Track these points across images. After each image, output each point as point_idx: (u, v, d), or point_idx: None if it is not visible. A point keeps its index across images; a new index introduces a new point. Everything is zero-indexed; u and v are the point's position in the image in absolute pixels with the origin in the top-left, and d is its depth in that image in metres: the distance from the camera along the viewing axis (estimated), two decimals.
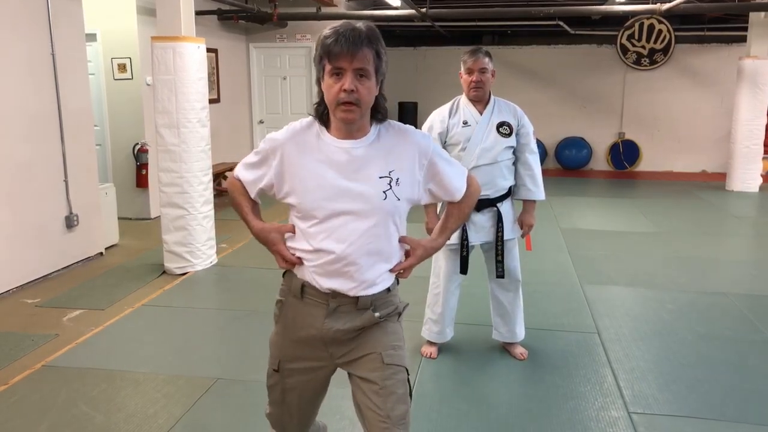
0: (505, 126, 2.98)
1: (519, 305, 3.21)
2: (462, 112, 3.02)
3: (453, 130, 3.01)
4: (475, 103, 3.02)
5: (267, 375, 1.79)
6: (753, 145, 8.18)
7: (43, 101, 4.51)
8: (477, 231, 3.05)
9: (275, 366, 1.75)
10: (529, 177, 3.04)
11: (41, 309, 3.98)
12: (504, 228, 3.02)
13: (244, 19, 7.75)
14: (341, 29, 1.51)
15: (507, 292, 3.18)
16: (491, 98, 3.04)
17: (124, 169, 6.42)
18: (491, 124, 2.98)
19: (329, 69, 1.52)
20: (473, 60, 2.94)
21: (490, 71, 2.95)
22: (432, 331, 3.25)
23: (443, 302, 3.17)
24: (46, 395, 2.83)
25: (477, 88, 2.95)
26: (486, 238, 3.06)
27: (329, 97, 1.54)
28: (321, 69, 1.55)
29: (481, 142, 2.96)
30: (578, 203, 7.46)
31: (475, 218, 3.03)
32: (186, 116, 4.49)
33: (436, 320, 3.22)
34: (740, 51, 8.86)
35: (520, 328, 3.23)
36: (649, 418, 2.66)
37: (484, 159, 2.96)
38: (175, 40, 4.45)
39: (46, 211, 4.56)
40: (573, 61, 10.18)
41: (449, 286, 3.16)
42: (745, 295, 4.23)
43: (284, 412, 1.81)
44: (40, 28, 4.47)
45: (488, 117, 2.99)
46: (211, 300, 4.34)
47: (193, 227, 4.63)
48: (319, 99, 1.60)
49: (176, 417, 2.64)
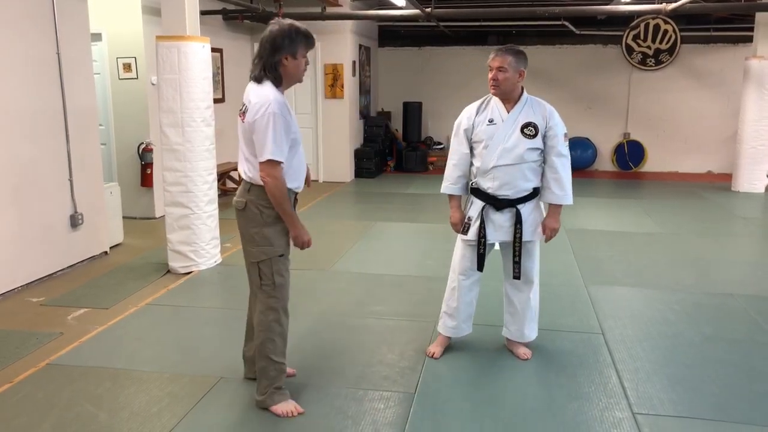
0: (530, 127, 2.93)
1: (531, 306, 3.18)
2: (490, 109, 3.00)
3: (478, 127, 2.99)
4: (505, 102, 2.99)
5: (271, 263, 2.57)
6: (759, 145, 8.13)
7: (48, 100, 4.52)
8: (496, 230, 3.03)
9: (282, 252, 2.59)
10: (554, 180, 2.99)
11: (46, 308, 3.99)
12: (523, 229, 3.00)
13: (249, 19, 7.76)
14: (305, 29, 2.55)
15: (519, 293, 3.17)
16: (523, 97, 3.00)
17: (128, 169, 6.43)
18: (516, 124, 2.94)
19: (304, 53, 2.55)
20: (492, 57, 2.94)
21: (513, 70, 2.90)
22: (447, 326, 3.24)
23: (459, 297, 3.16)
24: (50, 393, 2.84)
25: (494, 86, 2.94)
26: (504, 237, 3.04)
27: (299, 71, 2.56)
28: (296, 50, 2.51)
29: (503, 141, 2.93)
30: (583, 204, 7.43)
31: (494, 216, 3.01)
32: (191, 115, 4.50)
33: (451, 314, 3.21)
34: (746, 51, 8.82)
35: (529, 329, 3.21)
36: (654, 419, 2.64)
37: (506, 159, 2.93)
38: (179, 39, 4.45)
39: (50, 210, 4.58)
40: (578, 61, 10.15)
41: (465, 282, 3.15)
42: (751, 296, 4.20)
43: (288, 281, 2.66)
44: (46, 27, 4.48)
45: (515, 116, 2.95)
46: (215, 299, 4.35)
47: (197, 226, 4.63)
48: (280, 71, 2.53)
49: (179, 416, 2.64)
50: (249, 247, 2.63)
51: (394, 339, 3.44)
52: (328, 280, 4.50)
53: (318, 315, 3.76)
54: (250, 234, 2.60)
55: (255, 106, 2.48)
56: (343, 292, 4.26)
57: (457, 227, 3.12)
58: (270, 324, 2.62)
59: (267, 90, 2.50)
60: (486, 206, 3.01)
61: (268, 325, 2.62)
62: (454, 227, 3.14)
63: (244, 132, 2.55)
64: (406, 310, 3.83)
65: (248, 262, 2.66)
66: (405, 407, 2.73)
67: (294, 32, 2.51)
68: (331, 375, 3.01)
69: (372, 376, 3.00)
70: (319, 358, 3.21)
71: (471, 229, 3.06)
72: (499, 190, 2.98)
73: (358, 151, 9.29)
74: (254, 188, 2.58)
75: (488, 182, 2.99)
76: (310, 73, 8.75)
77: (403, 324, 3.63)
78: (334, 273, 4.69)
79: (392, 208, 7.13)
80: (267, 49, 2.51)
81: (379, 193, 8.24)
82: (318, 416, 2.65)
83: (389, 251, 5.36)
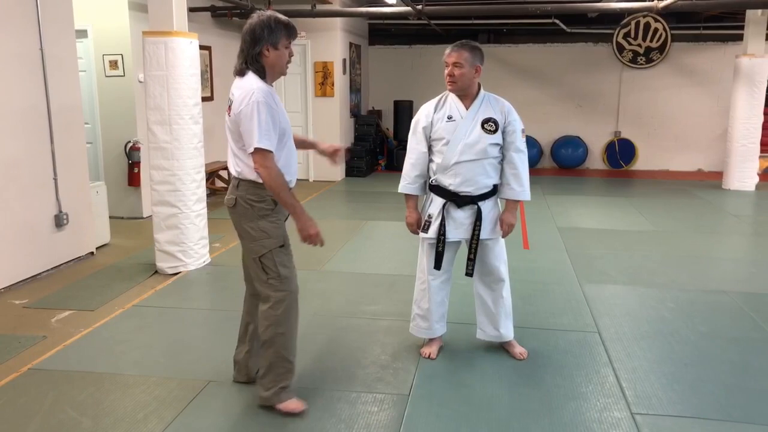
0: (490, 122, 2.91)
1: (503, 305, 3.13)
2: (448, 106, 2.96)
3: (437, 124, 2.95)
4: (462, 98, 2.95)
5: (273, 255, 2.49)
6: (749, 143, 8.15)
7: (31, 98, 4.42)
8: (456, 227, 2.99)
9: (281, 242, 2.53)
10: (513, 176, 2.97)
11: (29, 310, 3.89)
12: (483, 227, 2.96)
13: (238, 16, 7.66)
14: (286, 19, 2.49)
15: (490, 292, 3.12)
16: (480, 93, 2.97)
17: (116, 168, 6.32)
18: (476, 120, 2.91)
19: (287, 43, 2.50)
20: (447, 53, 2.91)
21: (470, 65, 2.86)
22: (420, 327, 3.19)
23: (430, 297, 3.11)
24: (32, 399, 2.75)
25: (451, 81, 2.90)
26: (466, 235, 3.00)
27: (282, 62, 2.50)
28: (277, 41, 2.45)
29: (464, 137, 2.90)
30: (575, 202, 7.41)
31: (455, 214, 2.98)
32: (178, 113, 4.41)
33: (423, 316, 3.16)
34: (736, 49, 8.84)
35: (505, 328, 3.16)
36: (653, 419, 2.59)
37: (467, 155, 2.90)
38: (167, 35, 4.36)
39: (34, 210, 4.47)
40: (569, 59, 10.14)
41: (434, 282, 3.09)
42: (745, 293, 4.18)
43: (294, 272, 2.59)
44: (29, 23, 4.37)
45: (474, 112, 2.92)
46: (203, 300, 4.26)
47: (185, 226, 4.54)
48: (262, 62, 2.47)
49: (167, 421, 2.56)
50: (247, 243, 2.56)
51: (387, 339, 3.38)
52: (319, 280, 4.43)
53: (309, 316, 3.68)
54: (246, 229, 2.53)
55: (239, 98, 2.41)
56: (334, 292, 4.20)
57: (413, 227, 3.07)
58: (279, 318, 2.53)
59: (250, 81, 2.43)
60: (447, 203, 2.97)
61: (277, 320, 2.53)
62: (410, 227, 3.09)
63: (231, 126, 2.48)
64: (399, 310, 3.77)
65: (249, 259, 2.58)
66: (399, 409, 2.66)
67: (274, 22, 2.44)
68: (323, 377, 2.94)
69: (365, 378, 2.94)
70: (311, 359, 3.13)
71: (431, 227, 3.01)
72: (460, 187, 2.93)
73: (349, 149, 9.22)
74: (243, 183, 2.51)
75: (449, 179, 2.94)
76: (300, 71, 8.67)
77: (396, 324, 3.56)
78: (325, 273, 4.62)
79: (383, 207, 7.07)
80: (247, 41, 2.45)
81: (370, 192, 8.18)
82: (310, 419, 2.58)
83: (381, 250, 5.30)
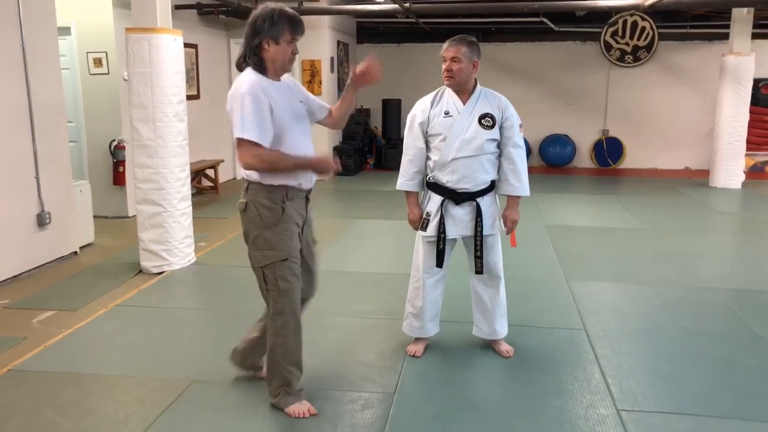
0: (487, 118, 2.89)
1: (500, 302, 3.12)
2: (445, 102, 2.94)
3: (434, 120, 2.93)
4: (459, 94, 2.93)
5: (274, 268, 2.42)
6: (736, 141, 8.21)
7: (12, 95, 4.34)
8: (456, 224, 2.96)
9: (284, 257, 2.41)
10: (512, 171, 2.95)
11: (10, 310, 3.82)
12: (484, 223, 2.94)
13: (224, 14, 7.61)
14: (291, 13, 2.37)
15: (488, 289, 3.10)
16: (477, 88, 2.95)
17: (100, 167, 6.25)
18: (473, 115, 2.89)
19: (290, 39, 2.38)
20: (445, 48, 2.89)
21: (468, 60, 2.85)
22: (413, 326, 3.16)
23: (424, 296, 3.08)
24: (11, 401, 2.69)
25: (449, 77, 2.88)
26: (465, 232, 2.98)
27: (283, 58, 2.38)
28: (278, 35, 2.33)
29: (461, 133, 2.88)
30: (563, 200, 7.42)
31: (453, 211, 2.95)
32: (162, 110, 4.36)
33: (417, 315, 3.13)
34: (723, 48, 8.90)
35: (500, 325, 3.15)
36: (639, 416, 2.59)
37: (465, 151, 2.88)
38: (150, 31, 4.31)
39: (15, 209, 4.40)
40: (557, 58, 10.17)
41: (429, 280, 3.07)
42: (731, 290, 4.20)
43: (296, 285, 2.51)
44: (9, 19, 4.30)
45: (471, 108, 2.91)
46: (188, 299, 4.21)
47: (170, 224, 4.49)
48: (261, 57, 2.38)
49: (148, 422, 2.52)
50: (251, 251, 2.49)
51: (373, 338, 3.35)
52: None
53: None
54: (252, 237, 2.46)
55: (229, 95, 2.35)
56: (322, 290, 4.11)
57: (416, 224, 3.05)
58: (278, 329, 2.51)
59: (246, 75, 2.36)
60: (445, 201, 2.95)
61: (275, 330, 2.52)
62: (413, 224, 3.06)
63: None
64: (386, 308, 3.75)
65: (252, 266, 2.52)
66: (384, 408, 2.64)
67: (276, 15, 2.31)
68: (309, 376, 2.90)
69: (350, 376, 2.91)
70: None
71: (430, 225, 2.98)
72: (458, 184, 2.91)
73: (337, 148, 9.18)
74: (251, 186, 2.43)
75: (447, 176, 2.92)
76: None
77: (384, 322, 3.54)
78: None
79: (372, 206, 7.04)
80: (248, 32, 2.37)
81: (358, 190, 8.15)
82: (294, 419, 2.55)
83: (369, 249, 5.28)
